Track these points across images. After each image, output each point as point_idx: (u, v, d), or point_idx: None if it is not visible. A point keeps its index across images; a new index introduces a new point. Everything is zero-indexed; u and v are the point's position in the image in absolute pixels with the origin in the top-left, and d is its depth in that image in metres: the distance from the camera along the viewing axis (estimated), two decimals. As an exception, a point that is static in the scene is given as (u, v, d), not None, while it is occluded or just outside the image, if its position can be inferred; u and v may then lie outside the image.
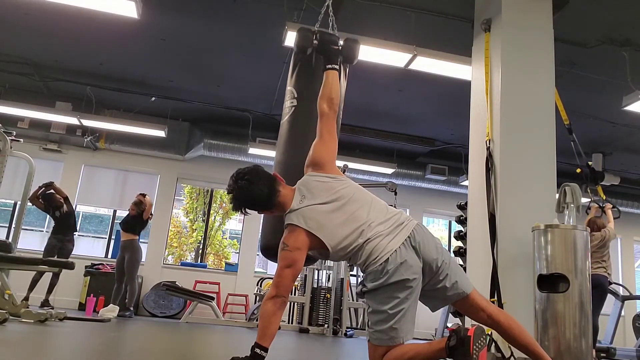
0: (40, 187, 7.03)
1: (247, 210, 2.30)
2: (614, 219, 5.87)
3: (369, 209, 2.23)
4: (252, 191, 2.22)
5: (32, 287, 6.77)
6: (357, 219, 2.19)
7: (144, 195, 7.40)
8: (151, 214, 7.41)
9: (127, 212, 7.41)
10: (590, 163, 5.46)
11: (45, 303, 6.79)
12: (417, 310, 2.16)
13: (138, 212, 7.23)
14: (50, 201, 7.09)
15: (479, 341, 2.00)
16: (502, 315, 2.28)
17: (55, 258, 6.68)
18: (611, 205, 5.90)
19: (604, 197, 5.47)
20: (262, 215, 2.58)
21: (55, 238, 7.02)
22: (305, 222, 2.16)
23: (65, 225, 7.09)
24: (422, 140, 8.86)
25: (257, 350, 2.02)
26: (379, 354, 2.13)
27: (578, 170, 4.97)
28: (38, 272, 6.42)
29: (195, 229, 14.12)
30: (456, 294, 2.21)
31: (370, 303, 2.15)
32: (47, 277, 6.77)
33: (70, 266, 5.30)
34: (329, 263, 7.60)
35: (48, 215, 7.24)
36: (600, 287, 5.51)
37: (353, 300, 7.96)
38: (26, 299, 6.58)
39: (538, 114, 4.06)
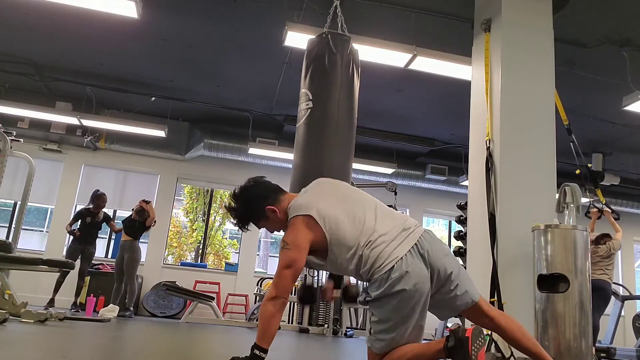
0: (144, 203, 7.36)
1: (250, 225, 2.31)
2: (615, 219, 5.89)
3: (374, 214, 2.19)
4: (256, 188, 2.27)
5: (56, 289, 6.89)
6: (359, 218, 2.15)
7: (146, 202, 7.41)
8: (154, 222, 7.43)
9: (130, 215, 7.43)
10: (589, 165, 5.46)
11: (73, 305, 7.09)
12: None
13: (140, 220, 7.26)
14: (97, 200, 7.29)
15: (478, 341, 1.99)
16: (502, 319, 2.26)
17: (79, 261, 7.00)
18: (610, 210, 5.91)
19: (603, 201, 5.47)
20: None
21: (77, 241, 7.14)
22: (304, 209, 2.14)
23: (89, 233, 7.23)
24: (422, 140, 8.86)
25: (257, 352, 2.00)
26: (378, 357, 2.13)
27: (577, 172, 4.97)
28: (62, 274, 6.60)
29: (195, 229, 14.13)
30: (466, 302, 2.17)
31: (374, 312, 2.11)
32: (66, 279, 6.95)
33: (70, 266, 5.31)
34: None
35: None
36: (604, 291, 5.54)
37: (353, 300, 7.95)
38: (51, 301, 6.74)
39: (538, 114, 4.06)
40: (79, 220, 7.29)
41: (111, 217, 7.65)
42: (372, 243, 2.09)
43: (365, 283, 2.20)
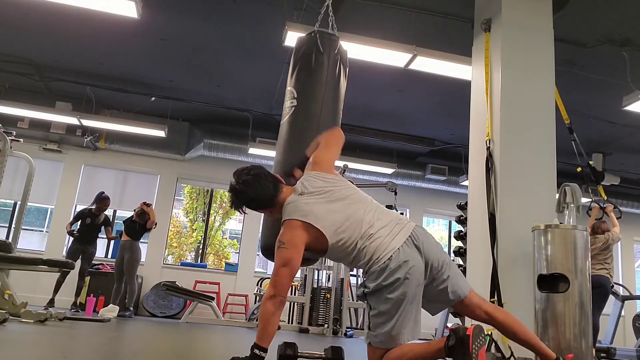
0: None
1: (246, 208, 2.33)
2: (617, 218, 5.86)
3: (368, 209, 2.24)
4: (257, 187, 2.26)
5: (56, 289, 6.91)
6: (357, 217, 2.19)
7: (147, 204, 7.43)
8: (155, 224, 7.44)
9: (131, 216, 7.44)
10: (591, 162, 5.45)
11: (73, 305, 7.11)
12: (416, 311, 2.15)
13: (141, 222, 7.29)
14: (100, 203, 7.30)
15: (478, 340, 2.00)
16: (498, 312, 2.29)
17: (79, 261, 7.02)
18: (612, 207, 5.89)
19: (606, 198, 5.46)
20: (263, 215, 2.61)
21: (77, 242, 7.16)
22: (302, 214, 2.15)
23: (88, 234, 7.23)
24: (422, 140, 8.86)
25: (257, 351, 2.01)
26: (378, 356, 2.13)
27: (578, 169, 4.97)
28: (62, 274, 6.62)
29: (195, 229, 14.13)
30: (457, 296, 2.21)
31: (372, 304, 2.14)
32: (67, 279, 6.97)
33: (70, 266, 5.31)
34: (329, 262, 7.60)
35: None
36: (603, 288, 5.50)
37: (353, 300, 7.95)
38: (51, 301, 6.76)
39: (538, 114, 4.06)
40: (79, 221, 7.30)
41: (110, 220, 7.63)
42: (370, 236, 2.14)
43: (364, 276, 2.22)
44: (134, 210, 7.47)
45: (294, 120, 2.98)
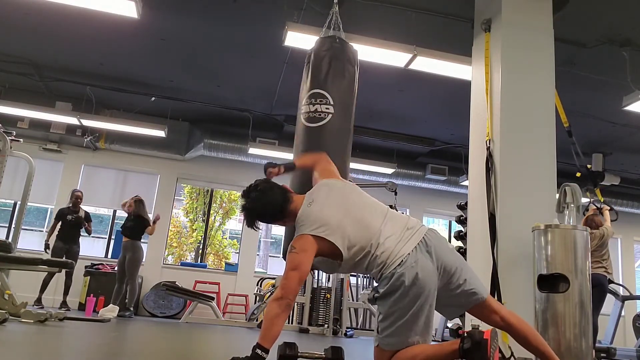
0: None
1: (259, 224, 2.37)
2: (612, 220, 5.88)
3: (380, 218, 2.23)
4: (266, 200, 2.29)
5: (43, 289, 6.90)
6: (368, 225, 2.19)
7: (154, 221, 7.37)
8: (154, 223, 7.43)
9: (129, 215, 7.42)
10: (589, 166, 5.47)
11: (63, 304, 7.09)
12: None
13: (135, 214, 7.28)
14: (74, 197, 7.32)
15: (494, 343, 2.00)
16: (513, 317, 2.27)
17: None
18: (609, 208, 5.90)
19: (602, 200, 5.47)
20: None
21: (61, 241, 7.15)
22: (313, 227, 2.16)
23: (72, 231, 7.22)
24: (422, 140, 8.86)
25: (258, 351, 2.01)
26: (386, 358, 2.13)
27: (578, 175, 4.98)
28: (48, 274, 6.60)
29: (195, 229, 14.12)
30: (475, 299, 2.20)
31: (381, 309, 2.14)
32: (60, 280, 7.00)
33: (70, 266, 5.31)
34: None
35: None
36: (600, 287, 5.50)
37: (353, 300, 7.95)
38: (38, 300, 6.76)
39: (538, 114, 4.06)
40: (60, 221, 7.27)
41: (91, 217, 7.53)
42: (380, 245, 2.14)
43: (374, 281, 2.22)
44: (124, 204, 7.44)
45: (329, 128, 3.02)
